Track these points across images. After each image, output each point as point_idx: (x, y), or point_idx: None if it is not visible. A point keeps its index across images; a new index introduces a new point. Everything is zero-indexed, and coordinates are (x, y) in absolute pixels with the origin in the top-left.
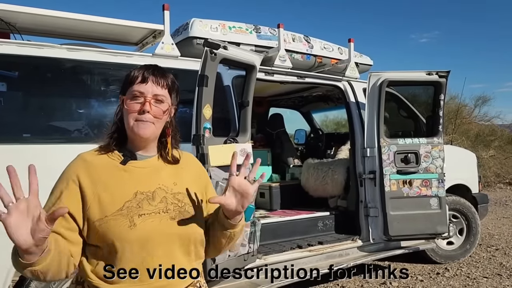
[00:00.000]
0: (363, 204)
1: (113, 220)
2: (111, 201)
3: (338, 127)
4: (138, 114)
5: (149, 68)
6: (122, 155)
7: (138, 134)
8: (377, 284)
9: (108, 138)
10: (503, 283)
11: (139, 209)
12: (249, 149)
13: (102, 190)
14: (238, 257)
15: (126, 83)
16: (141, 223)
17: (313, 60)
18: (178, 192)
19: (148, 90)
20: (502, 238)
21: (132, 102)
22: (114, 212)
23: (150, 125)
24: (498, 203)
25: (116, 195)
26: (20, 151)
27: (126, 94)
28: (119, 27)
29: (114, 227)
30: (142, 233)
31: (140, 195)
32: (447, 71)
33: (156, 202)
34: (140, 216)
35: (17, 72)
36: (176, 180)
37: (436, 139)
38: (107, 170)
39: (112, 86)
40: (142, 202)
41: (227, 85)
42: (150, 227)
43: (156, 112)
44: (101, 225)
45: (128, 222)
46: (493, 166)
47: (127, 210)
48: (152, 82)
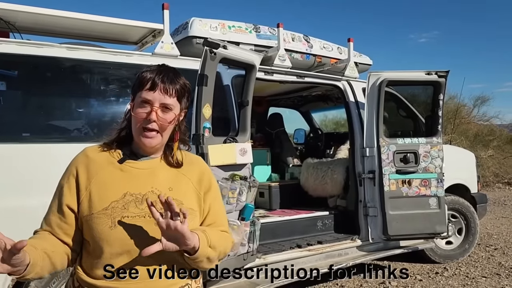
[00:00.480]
0: (362, 204)
1: (97, 218)
2: (99, 199)
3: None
4: (144, 122)
5: (159, 73)
6: (122, 154)
7: (144, 144)
8: (376, 283)
9: (116, 135)
10: (501, 282)
11: (123, 210)
12: (249, 148)
13: (94, 186)
14: (238, 256)
15: (136, 84)
16: (123, 225)
17: (313, 59)
18: (172, 199)
19: (155, 99)
20: (501, 238)
21: (139, 110)
22: (99, 210)
23: (157, 135)
24: (496, 203)
25: (105, 193)
26: (20, 151)
27: (135, 97)
28: (119, 26)
29: (97, 225)
30: (121, 235)
31: (129, 196)
32: (446, 71)
33: (144, 206)
34: (123, 218)
35: (17, 71)
36: (172, 186)
37: (435, 139)
38: (103, 167)
39: (111, 86)
40: (129, 204)
41: (226, 84)
42: (131, 230)
43: (162, 121)
44: (87, 221)
45: (110, 223)
46: (491, 166)
47: (112, 210)
48: (160, 91)
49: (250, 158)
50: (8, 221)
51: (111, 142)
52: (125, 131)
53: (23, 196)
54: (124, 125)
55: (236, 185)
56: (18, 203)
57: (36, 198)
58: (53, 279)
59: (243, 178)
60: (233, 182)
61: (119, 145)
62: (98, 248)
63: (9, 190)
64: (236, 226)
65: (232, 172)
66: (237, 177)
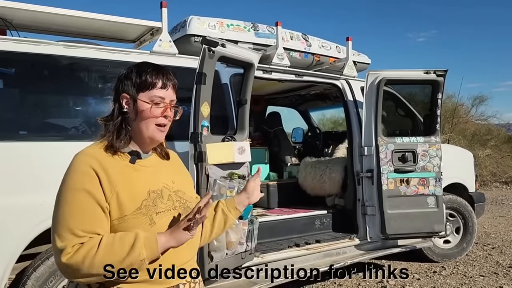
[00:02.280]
0: (361, 203)
1: (134, 219)
2: (129, 200)
3: (335, 126)
4: (159, 119)
5: (161, 71)
6: (128, 154)
7: (157, 139)
8: (374, 282)
9: (113, 136)
10: (499, 281)
11: (155, 207)
12: (247, 147)
13: (120, 189)
14: (236, 255)
15: (141, 84)
16: (159, 221)
17: (311, 58)
18: (178, 190)
19: (168, 96)
20: (498, 237)
21: (155, 108)
22: (133, 211)
23: (166, 130)
24: (494, 202)
25: (134, 194)
26: (17, 149)
27: (140, 97)
28: (117, 24)
29: (135, 226)
30: (162, 230)
31: (153, 193)
32: (444, 70)
33: (165, 200)
34: (157, 214)
35: (14, 69)
36: (173, 178)
37: (433, 138)
38: (119, 169)
39: (109, 84)
40: (156, 200)
41: (225, 83)
42: (166, 224)
43: (172, 117)
44: (120, 224)
45: (148, 220)
46: (489, 165)
47: (146, 208)
48: (171, 88)
49: (249, 156)
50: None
51: (112, 143)
52: (124, 131)
53: (20, 195)
54: (118, 124)
55: (235, 183)
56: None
57: (30, 196)
58: (50, 278)
59: (241, 177)
60: (232, 180)
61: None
62: None
63: (7, 190)
64: (234, 225)
65: (230, 170)
66: (236, 176)
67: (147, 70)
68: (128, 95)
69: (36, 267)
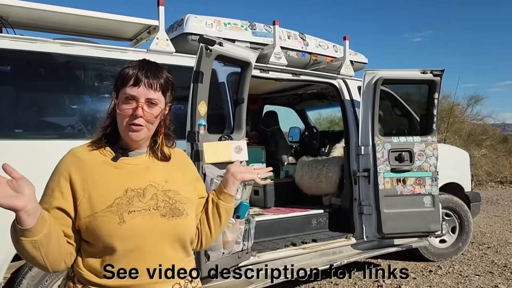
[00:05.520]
0: (357, 202)
1: (103, 217)
2: (101, 198)
3: (331, 125)
4: (130, 118)
5: (142, 68)
6: (113, 152)
7: (130, 138)
8: (370, 281)
9: (101, 133)
10: (494, 280)
11: (129, 205)
12: (244, 146)
13: (92, 186)
14: (232, 254)
15: (119, 81)
16: (131, 220)
17: (308, 57)
18: (169, 190)
19: (140, 94)
20: (494, 236)
21: (125, 107)
22: (103, 209)
23: (143, 129)
24: (489, 201)
25: (106, 191)
26: (12, 147)
27: (118, 93)
28: (113, 22)
29: (104, 224)
30: (132, 229)
31: (131, 192)
32: (441, 70)
33: (147, 199)
34: (130, 212)
35: (9, 67)
36: (167, 178)
37: (430, 138)
38: (98, 166)
39: (105, 82)
40: (132, 199)
41: (222, 81)
42: (140, 224)
43: (149, 116)
44: (90, 221)
45: (118, 219)
46: (485, 165)
47: (117, 206)
48: (145, 86)
49: (245, 155)
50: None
51: (99, 140)
52: (110, 129)
53: None
54: (108, 122)
55: None
56: None
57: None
58: (45, 277)
59: None
60: None
61: (107, 143)
62: (108, 246)
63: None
64: (231, 224)
65: None
66: None
67: (126, 67)
68: (114, 92)
69: (32, 266)
